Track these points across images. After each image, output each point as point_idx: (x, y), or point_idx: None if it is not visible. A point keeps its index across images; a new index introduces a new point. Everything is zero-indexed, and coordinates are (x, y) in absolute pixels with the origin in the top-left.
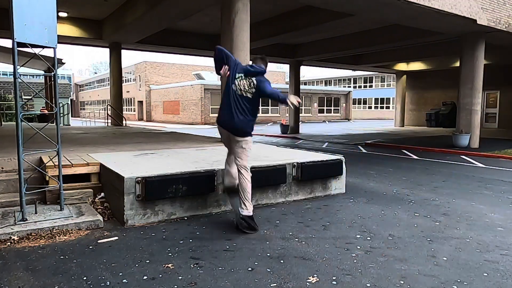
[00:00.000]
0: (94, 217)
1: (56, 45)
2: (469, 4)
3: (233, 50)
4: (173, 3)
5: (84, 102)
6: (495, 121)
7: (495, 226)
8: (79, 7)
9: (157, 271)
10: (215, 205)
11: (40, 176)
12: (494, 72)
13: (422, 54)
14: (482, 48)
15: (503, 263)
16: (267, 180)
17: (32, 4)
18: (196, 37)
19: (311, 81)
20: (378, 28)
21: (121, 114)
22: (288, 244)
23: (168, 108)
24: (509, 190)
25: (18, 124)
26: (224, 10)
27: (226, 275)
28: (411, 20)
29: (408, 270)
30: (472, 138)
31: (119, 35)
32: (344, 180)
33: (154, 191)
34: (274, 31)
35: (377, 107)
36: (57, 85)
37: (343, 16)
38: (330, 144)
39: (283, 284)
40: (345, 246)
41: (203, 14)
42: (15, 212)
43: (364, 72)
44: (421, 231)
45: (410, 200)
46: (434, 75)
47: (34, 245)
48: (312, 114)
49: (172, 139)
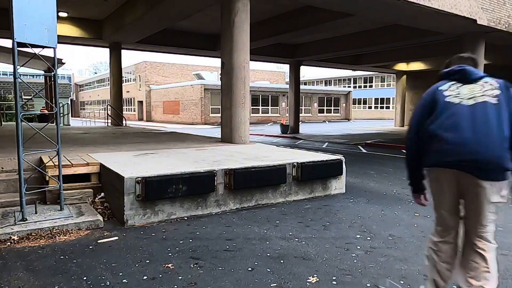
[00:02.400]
0: (94, 217)
1: (56, 45)
2: (469, 4)
3: (233, 50)
4: (173, 3)
5: (84, 102)
6: None
7: (495, 226)
8: (79, 7)
9: (157, 271)
10: (215, 205)
11: (40, 176)
12: (494, 72)
13: (422, 54)
14: (482, 48)
15: (503, 263)
16: (267, 180)
17: (32, 4)
18: (196, 37)
19: (311, 81)
20: (378, 28)
21: (121, 114)
22: (288, 244)
23: (168, 108)
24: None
25: (18, 124)
26: (224, 10)
27: (226, 275)
28: (411, 20)
29: (408, 270)
30: None
31: (119, 35)
32: (344, 180)
33: (154, 191)
34: (274, 31)
35: (377, 107)
36: (57, 85)
37: (343, 16)
38: (330, 144)
39: (283, 284)
40: (345, 246)
41: (203, 14)
42: (15, 212)
43: (364, 72)
44: (421, 231)
45: (410, 200)
46: (434, 75)
47: (34, 245)
48: (312, 114)
49: (172, 139)
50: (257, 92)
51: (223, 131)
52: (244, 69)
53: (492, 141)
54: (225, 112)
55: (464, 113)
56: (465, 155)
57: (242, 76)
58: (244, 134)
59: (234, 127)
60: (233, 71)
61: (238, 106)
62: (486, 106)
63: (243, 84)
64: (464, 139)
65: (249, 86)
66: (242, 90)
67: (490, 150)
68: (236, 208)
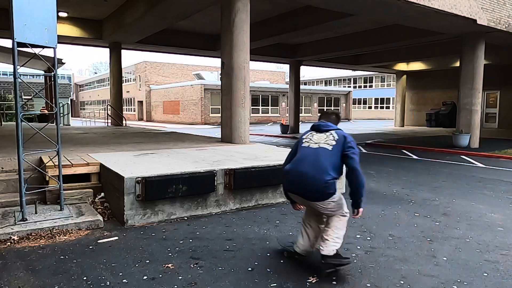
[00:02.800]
0: (94, 217)
1: (56, 45)
2: (469, 4)
3: (233, 50)
4: (173, 3)
5: (84, 102)
6: (495, 121)
7: (495, 226)
8: (79, 7)
9: (157, 271)
10: (215, 205)
11: (40, 176)
12: (494, 72)
13: (422, 54)
14: (482, 48)
15: (503, 263)
16: (267, 180)
17: (32, 4)
18: (196, 37)
19: (311, 81)
20: (378, 28)
21: (121, 114)
22: None
23: (168, 108)
24: (509, 190)
25: (18, 124)
26: (224, 10)
27: (226, 275)
28: (411, 20)
29: (408, 270)
30: (472, 138)
31: (119, 35)
32: (344, 180)
33: (154, 191)
34: (274, 31)
35: (377, 107)
36: (57, 85)
37: (343, 16)
38: None
39: (283, 284)
40: (345, 246)
41: (203, 14)
42: (15, 212)
43: (364, 72)
44: (421, 231)
45: (410, 200)
46: (434, 75)
47: (34, 245)
48: (312, 114)
49: (172, 139)
50: (257, 92)
51: (223, 131)
52: (244, 69)
53: (318, 173)
54: (225, 112)
55: (307, 152)
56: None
57: (242, 76)
58: (244, 134)
59: (234, 127)
60: (233, 71)
61: (238, 106)
62: (323, 150)
63: (243, 84)
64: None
65: (249, 86)
66: (242, 90)
67: (316, 181)
68: (236, 208)
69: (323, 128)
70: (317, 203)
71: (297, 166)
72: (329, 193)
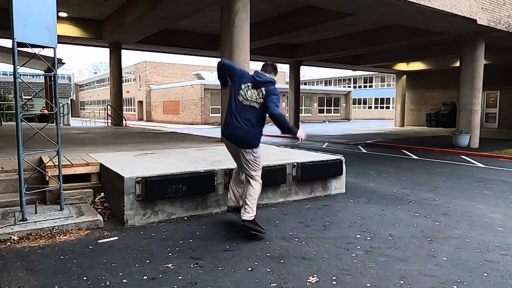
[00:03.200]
0: (94, 217)
1: (56, 45)
2: (469, 4)
3: (233, 50)
4: (173, 3)
5: (84, 102)
6: (495, 121)
7: (495, 226)
8: (79, 7)
9: (157, 271)
10: (215, 205)
11: (40, 176)
12: (494, 72)
13: (422, 54)
14: (482, 48)
15: (503, 263)
16: (267, 180)
17: (32, 4)
18: (196, 37)
19: (311, 81)
20: (378, 28)
21: (121, 114)
22: (288, 244)
23: (168, 108)
24: (509, 190)
25: (18, 124)
26: (224, 10)
27: (226, 275)
28: (411, 20)
29: (408, 270)
30: (472, 138)
31: (119, 35)
32: (344, 180)
33: (154, 191)
34: (274, 31)
35: (377, 107)
36: (57, 85)
37: (343, 16)
38: (330, 144)
39: (283, 284)
40: (345, 246)
41: (203, 14)
42: (15, 212)
43: (364, 72)
44: (421, 231)
45: (410, 200)
46: (434, 75)
47: (34, 245)
48: (312, 114)
49: (172, 139)
50: None
51: None
52: (244, 69)
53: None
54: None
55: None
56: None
57: None
58: None
59: None
60: None
61: None
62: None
63: None
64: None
65: None
66: None
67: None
68: None
69: (258, 81)
70: (243, 150)
71: (231, 127)
72: (252, 144)
